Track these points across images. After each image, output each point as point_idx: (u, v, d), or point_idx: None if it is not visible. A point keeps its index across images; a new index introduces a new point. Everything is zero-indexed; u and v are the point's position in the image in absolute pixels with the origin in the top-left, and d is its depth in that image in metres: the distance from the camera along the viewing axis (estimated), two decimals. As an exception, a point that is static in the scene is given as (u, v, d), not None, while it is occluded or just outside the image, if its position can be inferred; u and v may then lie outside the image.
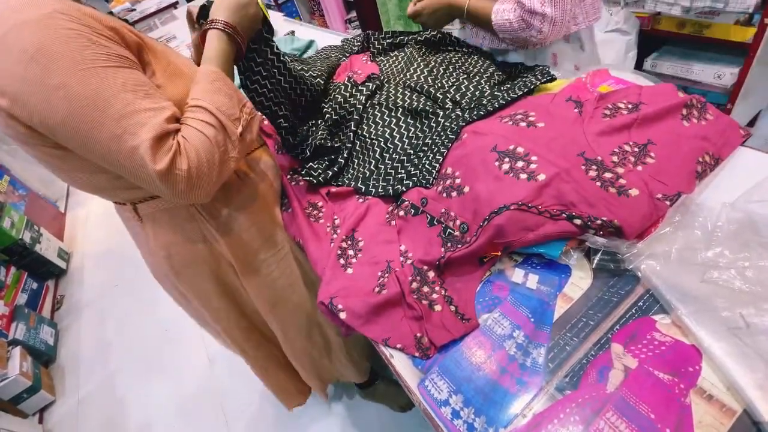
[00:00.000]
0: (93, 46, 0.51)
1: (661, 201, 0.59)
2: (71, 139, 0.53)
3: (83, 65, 0.50)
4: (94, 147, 0.54)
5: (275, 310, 0.88)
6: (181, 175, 0.56)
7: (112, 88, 0.52)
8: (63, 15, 0.50)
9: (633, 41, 1.67)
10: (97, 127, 0.52)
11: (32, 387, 1.75)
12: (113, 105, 0.52)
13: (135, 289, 2.16)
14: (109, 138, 0.52)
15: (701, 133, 0.66)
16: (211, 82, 0.61)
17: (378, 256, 0.69)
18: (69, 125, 0.51)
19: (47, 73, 0.49)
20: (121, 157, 0.54)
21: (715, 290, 0.53)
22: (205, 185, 0.59)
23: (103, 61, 0.51)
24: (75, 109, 0.50)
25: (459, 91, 0.86)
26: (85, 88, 0.50)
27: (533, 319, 0.58)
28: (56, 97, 0.50)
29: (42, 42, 0.48)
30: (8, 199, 2.45)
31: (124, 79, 0.53)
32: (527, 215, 0.59)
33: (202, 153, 0.57)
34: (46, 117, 0.51)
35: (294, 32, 1.66)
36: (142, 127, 0.53)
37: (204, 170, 0.58)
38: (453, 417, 0.53)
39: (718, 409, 0.46)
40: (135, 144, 0.53)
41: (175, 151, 0.56)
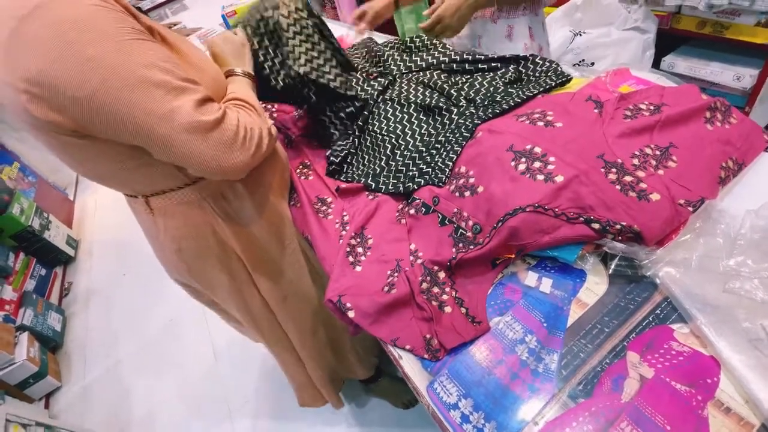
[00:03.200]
0: (121, 21, 0.52)
1: (684, 207, 0.57)
2: (100, 111, 0.52)
3: (116, 38, 0.51)
4: (125, 115, 0.52)
5: (285, 305, 0.88)
6: (231, 129, 0.60)
7: (149, 57, 0.53)
8: None
9: (651, 40, 1.64)
10: (133, 90, 0.52)
11: (39, 372, 1.77)
12: (152, 71, 0.53)
13: (142, 277, 2.17)
14: (147, 99, 0.53)
15: (725, 137, 0.64)
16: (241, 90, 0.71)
17: (387, 255, 0.68)
18: (100, 96, 0.50)
19: (79, 45, 0.48)
20: (158, 117, 0.54)
21: (736, 300, 0.51)
22: (244, 154, 0.62)
23: (132, 35, 0.52)
24: (109, 78, 0.50)
25: (473, 87, 0.84)
26: (120, 58, 0.51)
27: (546, 324, 0.57)
28: (89, 68, 0.49)
29: (71, 16, 0.48)
30: (18, 186, 2.46)
31: (159, 53, 0.55)
32: (543, 217, 0.58)
33: (248, 124, 0.63)
34: (76, 90, 0.50)
35: (305, 24, 1.64)
36: (182, 92, 0.55)
37: (248, 136, 0.62)
38: (462, 421, 0.52)
39: (736, 422, 0.45)
40: (177, 104, 0.54)
41: (224, 111, 0.60)
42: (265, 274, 0.82)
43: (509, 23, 1.08)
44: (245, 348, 1.33)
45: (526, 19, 1.06)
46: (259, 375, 1.59)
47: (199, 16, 2.36)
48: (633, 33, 1.61)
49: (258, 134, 0.65)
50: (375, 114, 0.90)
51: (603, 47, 1.63)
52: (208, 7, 2.32)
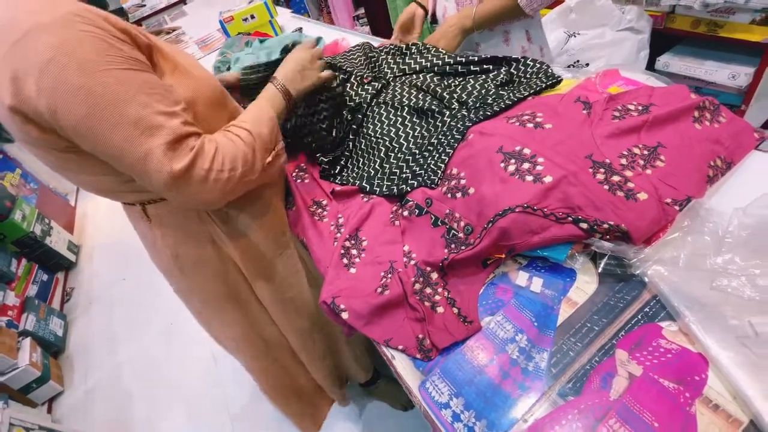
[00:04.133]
0: (109, 49, 0.52)
1: (671, 206, 0.58)
2: (86, 139, 0.54)
3: (101, 66, 0.50)
4: (108, 148, 0.54)
5: (283, 311, 0.89)
6: (200, 174, 0.57)
7: (129, 91, 0.52)
8: (78, 17, 0.50)
9: (645, 40, 1.64)
10: (113, 129, 0.52)
11: (41, 377, 1.78)
12: (129, 107, 0.52)
13: (142, 282, 2.18)
14: (124, 139, 0.53)
15: (713, 136, 0.64)
16: (260, 113, 0.69)
17: (381, 257, 0.69)
18: (85, 125, 0.52)
19: (66, 73, 0.49)
20: (134, 158, 0.55)
21: (724, 298, 0.52)
22: (218, 192, 0.61)
23: (119, 63, 0.52)
24: (93, 109, 0.51)
25: (465, 90, 0.85)
26: (103, 89, 0.51)
27: (536, 323, 0.58)
28: (76, 98, 0.50)
29: (60, 43, 0.49)
30: (20, 193, 2.49)
31: (140, 82, 0.54)
32: (532, 218, 0.59)
33: (227, 161, 0.60)
34: (63, 117, 0.51)
35: (302, 29, 1.65)
36: (157, 130, 0.54)
37: (223, 177, 0.60)
38: (453, 420, 0.52)
39: (724, 419, 0.45)
40: (150, 147, 0.54)
41: (197, 151, 0.57)
42: (263, 281, 0.83)
43: (505, 28, 1.08)
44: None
45: (522, 23, 1.07)
46: (259, 378, 1.60)
47: (197, 21, 2.37)
48: (627, 33, 1.62)
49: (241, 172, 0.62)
50: (369, 117, 0.91)
51: (597, 48, 1.64)
52: (207, 13, 2.34)
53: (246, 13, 1.70)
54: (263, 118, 0.68)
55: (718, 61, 1.53)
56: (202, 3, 2.83)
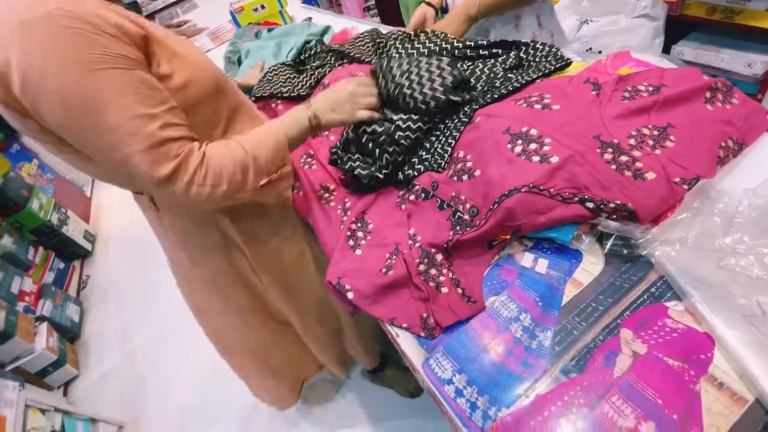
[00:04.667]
0: (92, 46, 0.50)
1: (679, 185, 0.57)
2: (73, 140, 0.56)
3: (79, 67, 0.50)
4: (90, 151, 0.56)
5: (289, 295, 0.90)
6: (180, 186, 0.58)
7: (107, 93, 0.52)
8: (63, 11, 0.49)
9: (660, 27, 1.61)
10: (93, 134, 0.53)
11: (57, 361, 1.84)
12: (107, 111, 0.52)
13: (156, 270, 2.20)
14: (105, 144, 0.54)
15: (725, 117, 0.63)
16: (268, 136, 0.67)
17: (387, 239, 0.70)
18: (68, 128, 0.53)
19: (45, 77, 0.49)
20: (116, 163, 0.56)
21: (732, 277, 0.51)
22: (202, 203, 0.62)
23: (100, 62, 0.51)
24: (72, 114, 0.52)
25: (473, 74, 0.84)
26: (81, 93, 0.51)
27: (541, 303, 0.58)
28: (54, 102, 0.51)
29: (42, 42, 0.49)
30: (37, 182, 2.54)
31: (121, 82, 0.53)
32: (538, 198, 0.58)
33: (210, 176, 0.60)
34: (47, 119, 0.53)
35: (311, 18, 1.66)
36: (134, 136, 0.54)
37: (204, 191, 0.60)
38: (456, 395, 0.53)
39: (728, 396, 0.45)
40: (127, 153, 0.54)
41: (180, 161, 0.57)
42: (267, 265, 0.84)
43: (516, 13, 1.07)
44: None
45: (533, 8, 1.06)
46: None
47: (208, 13, 2.39)
48: (642, 20, 1.59)
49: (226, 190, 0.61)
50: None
51: (611, 35, 1.61)
52: (217, 4, 2.35)
53: (256, 3, 1.70)
54: (271, 141, 0.66)
55: (735, 49, 1.50)
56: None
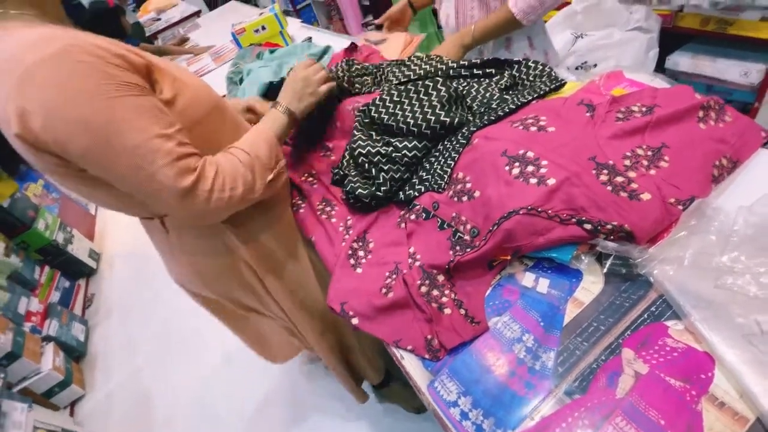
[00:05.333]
0: (104, 77, 0.54)
1: (674, 205, 0.58)
2: (94, 166, 0.57)
3: (97, 97, 0.53)
4: (114, 174, 0.58)
5: (297, 310, 0.92)
6: (203, 195, 0.61)
7: (125, 117, 0.55)
8: (74, 47, 0.53)
9: (654, 39, 1.64)
10: (117, 156, 0.56)
11: (64, 381, 1.84)
12: (128, 133, 0.55)
13: (159, 287, 2.24)
14: (128, 166, 0.57)
15: (718, 136, 0.65)
16: (258, 136, 0.73)
17: (387, 257, 0.71)
18: (91, 156, 0.56)
19: (66, 108, 0.52)
20: (140, 181, 0.58)
21: (730, 296, 0.52)
22: (222, 211, 0.65)
23: (114, 91, 0.54)
24: (95, 140, 0.54)
25: (469, 95, 0.87)
26: (101, 119, 0.54)
27: (543, 323, 0.59)
28: (77, 131, 0.53)
29: (58, 78, 0.52)
30: (43, 202, 2.58)
31: (135, 107, 0.56)
32: (537, 219, 0.60)
33: (228, 182, 0.64)
34: (70, 149, 0.55)
35: (311, 38, 1.69)
36: (156, 153, 0.57)
37: (224, 196, 0.64)
38: (462, 418, 0.54)
39: (730, 416, 0.46)
40: (153, 170, 0.57)
41: (199, 174, 0.61)
42: (275, 281, 0.86)
43: (507, 36, 1.10)
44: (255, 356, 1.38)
45: (524, 31, 1.09)
46: (272, 379, 1.63)
47: (210, 34, 2.44)
48: (636, 33, 1.62)
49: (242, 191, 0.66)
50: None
51: (606, 48, 1.64)
52: (219, 25, 2.40)
53: (257, 25, 1.74)
54: (262, 140, 0.72)
55: (729, 59, 1.52)
56: (215, 15, 2.91)
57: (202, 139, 0.68)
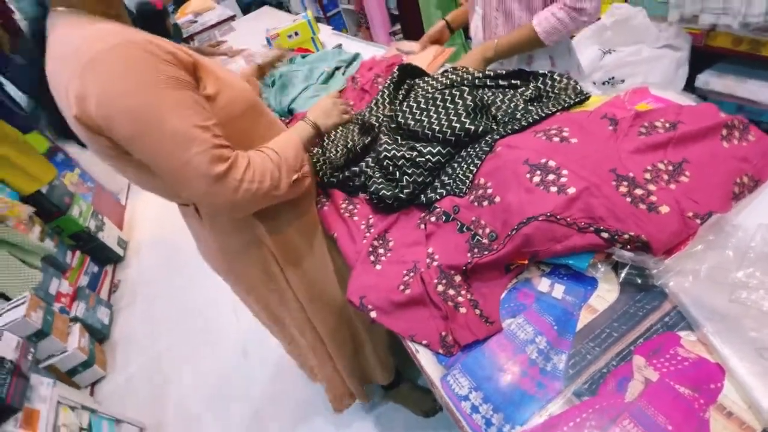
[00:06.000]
0: (155, 71, 0.60)
1: (692, 219, 0.59)
2: (136, 150, 0.63)
3: (146, 88, 0.59)
4: (154, 158, 0.63)
5: (312, 303, 0.95)
6: (233, 184, 0.66)
7: (169, 107, 0.61)
8: (132, 43, 0.59)
9: (684, 57, 1.63)
10: (156, 142, 0.61)
11: (87, 362, 1.93)
12: (168, 121, 0.61)
13: (182, 278, 2.32)
14: (166, 151, 0.62)
15: (740, 154, 0.66)
16: (287, 141, 0.79)
17: (406, 256, 0.74)
18: (135, 139, 0.62)
19: (118, 95, 0.58)
20: (176, 166, 0.63)
21: (744, 311, 0.53)
22: (247, 202, 0.69)
23: (163, 83, 0.60)
24: (138, 126, 0.60)
25: (494, 105, 0.89)
26: (148, 107, 0.59)
27: (556, 327, 0.60)
28: (125, 117, 0.59)
29: (115, 69, 0.58)
30: (78, 190, 2.70)
31: (179, 99, 0.62)
32: (555, 226, 0.62)
33: (257, 175, 0.69)
34: (116, 132, 0.61)
35: (341, 45, 1.75)
36: (194, 142, 0.62)
37: (252, 188, 0.68)
38: (472, 412, 0.56)
39: (737, 426, 0.46)
40: (188, 156, 0.62)
41: (232, 163, 0.65)
42: (295, 273, 0.90)
43: (529, 53, 1.12)
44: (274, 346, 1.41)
45: (546, 50, 1.10)
46: (287, 373, 1.67)
47: (245, 37, 2.54)
48: (665, 51, 1.61)
49: (269, 186, 0.70)
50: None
51: (634, 65, 1.64)
52: (252, 29, 2.50)
53: (290, 30, 1.81)
54: (290, 143, 0.79)
55: (761, 80, 1.50)
56: (248, 20, 3.02)
57: (239, 134, 0.74)
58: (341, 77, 1.44)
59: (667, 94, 0.81)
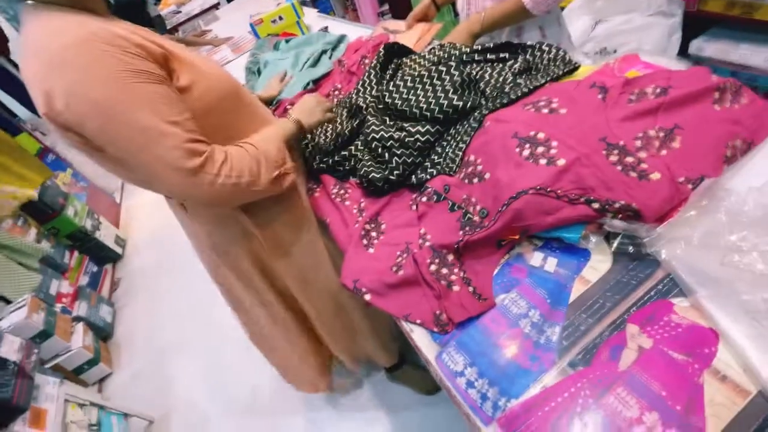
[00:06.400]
0: (122, 65, 0.58)
1: (683, 184, 0.58)
2: (108, 145, 0.61)
3: (114, 82, 0.57)
4: (125, 153, 0.62)
5: (305, 289, 0.95)
6: (208, 178, 0.64)
7: (138, 101, 0.59)
8: (96, 37, 0.57)
9: (677, 23, 1.60)
10: (128, 137, 0.60)
11: (93, 360, 1.94)
12: (140, 116, 0.59)
13: (182, 273, 2.32)
14: (137, 146, 0.61)
15: (733, 117, 0.64)
16: (268, 136, 0.78)
17: (398, 238, 0.73)
18: (105, 135, 0.60)
19: (85, 90, 0.57)
20: (148, 161, 0.62)
21: (737, 274, 0.52)
22: (226, 196, 0.67)
23: (130, 77, 0.58)
24: (107, 121, 0.58)
25: (483, 79, 0.87)
26: (116, 102, 0.58)
27: (549, 300, 0.60)
28: (93, 112, 0.58)
29: (80, 64, 0.56)
30: (71, 190, 2.69)
31: (149, 93, 0.60)
32: (545, 199, 0.61)
33: (235, 170, 0.67)
34: (87, 128, 0.59)
35: (327, 27, 1.71)
36: (165, 136, 0.61)
37: (230, 182, 0.66)
38: (468, 387, 0.56)
39: (731, 389, 0.47)
40: (158, 152, 0.61)
41: (207, 157, 0.64)
42: (283, 260, 0.89)
43: (519, 24, 1.10)
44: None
45: (536, 20, 1.08)
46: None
47: (229, 24, 2.48)
48: (657, 18, 1.58)
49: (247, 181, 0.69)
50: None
51: (626, 33, 1.61)
52: (237, 16, 2.44)
53: (274, 15, 1.77)
54: (271, 138, 0.77)
55: (754, 44, 1.47)
56: (233, 7, 2.95)
57: (219, 123, 0.72)
58: (328, 60, 1.41)
59: (658, 59, 0.80)
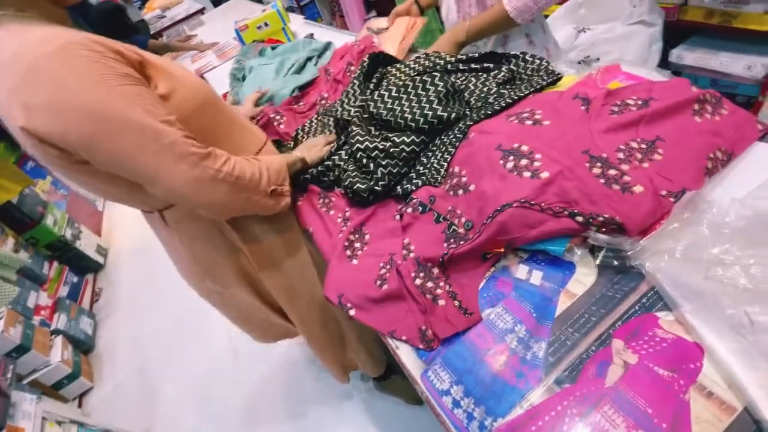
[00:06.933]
0: (104, 69, 0.56)
1: (666, 198, 0.58)
2: (99, 153, 0.59)
3: (99, 86, 0.55)
4: (119, 158, 0.59)
5: (292, 302, 0.93)
6: (208, 173, 0.63)
7: (129, 104, 0.57)
8: (73, 44, 0.55)
9: (658, 33, 1.62)
10: (122, 140, 0.58)
11: (72, 374, 1.88)
12: (132, 118, 0.57)
13: (166, 282, 2.26)
14: (134, 147, 0.58)
15: (713, 129, 0.65)
16: (272, 158, 0.79)
17: (382, 249, 0.72)
18: (97, 140, 0.57)
19: (70, 99, 0.54)
20: (146, 162, 0.59)
21: (720, 288, 0.52)
22: (223, 196, 0.66)
23: (115, 80, 0.57)
24: (97, 126, 0.56)
25: (467, 89, 0.87)
26: (103, 105, 0.56)
27: (535, 314, 0.59)
28: (80, 120, 0.55)
29: (60, 72, 0.54)
30: (51, 198, 2.62)
31: (136, 94, 0.59)
32: (529, 212, 0.60)
33: (236, 169, 0.67)
34: (75, 138, 0.57)
35: (313, 35, 1.70)
36: (161, 133, 0.59)
37: (230, 180, 0.66)
38: (454, 406, 0.55)
39: (717, 405, 0.46)
40: (157, 148, 0.59)
41: (209, 152, 0.64)
42: (271, 273, 0.87)
43: (505, 33, 1.10)
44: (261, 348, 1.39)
45: (521, 28, 1.08)
46: (278, 373, 1.65)
47: (214, 30, 2.46)
48: (639, 27, 1.60)
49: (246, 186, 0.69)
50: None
51: (608, 42, 1.63)
52: (223, 22, 2.42)
53: (260, 21, 1.75)
54: (275, 160, 0.79)
55: (733, 52, 1.50)
56: (218, 12, 2.92)
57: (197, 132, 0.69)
58: (313, 67, 1.40)
59: (639, 70, 0.80)
